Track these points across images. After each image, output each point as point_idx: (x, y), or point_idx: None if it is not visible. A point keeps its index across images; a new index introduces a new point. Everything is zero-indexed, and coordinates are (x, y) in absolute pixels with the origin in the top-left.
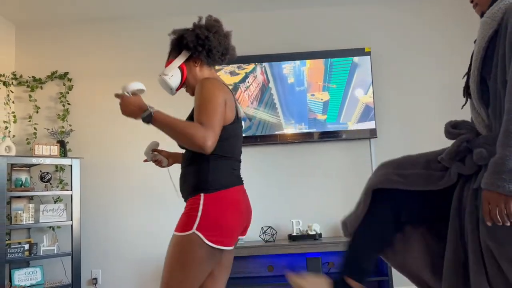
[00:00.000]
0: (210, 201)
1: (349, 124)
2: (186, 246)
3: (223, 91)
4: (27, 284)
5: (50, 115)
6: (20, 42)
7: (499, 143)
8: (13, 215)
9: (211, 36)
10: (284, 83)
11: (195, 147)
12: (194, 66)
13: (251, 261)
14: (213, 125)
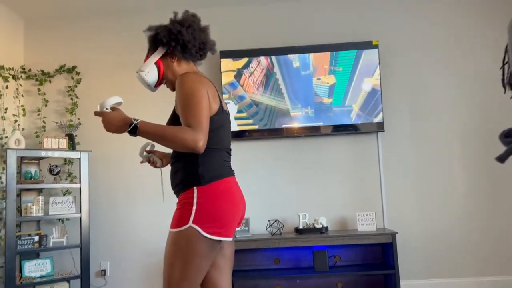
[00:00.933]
0: (204, 194)
1: (354, 107)
2: (185, 241)
3: (202, 83)
4: (37, 275)
5: (58, 108)
6: (29, 36)
7: None
8: (23, 208)
9: (184, 31)
10: (289, 67)
11: (188, 150)
12: (171, 61)
13: (258, 254)
14: (201, 123)
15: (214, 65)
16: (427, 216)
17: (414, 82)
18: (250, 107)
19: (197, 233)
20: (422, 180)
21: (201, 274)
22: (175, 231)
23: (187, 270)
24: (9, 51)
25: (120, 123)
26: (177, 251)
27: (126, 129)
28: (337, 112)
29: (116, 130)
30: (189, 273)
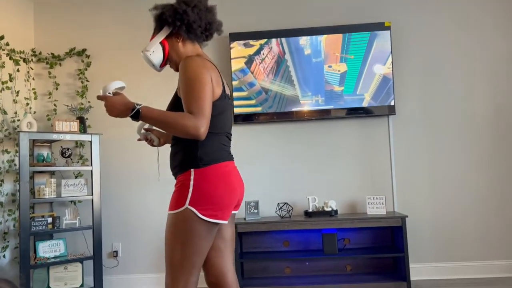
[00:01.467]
0: (201, 176)
1: (365, 96)
2: (182, 223)
3: (206, 68)
4: (51, 256)
5: (69, 91)
6: (39, 19)
7: None
8: (36, 190)
9: (189, 10)
10: (301, 54)
11: (189, 136)
12: (177, 41)
13: (267, 236)
14: (203, 110)
15: (223, 48)
16: (438, 200)
17: (426, 65)
18: (259, 94)
19: (193, 215)
20: (433, 164)
21: (202, 255)
22: (173, 213)
23: (186, 251)
24: (20, 34)
25: (123, 107)
26: (175, 233)
27: (128, 114)
28: (348, 100)
29: (118, 114)
30: (189, 254)
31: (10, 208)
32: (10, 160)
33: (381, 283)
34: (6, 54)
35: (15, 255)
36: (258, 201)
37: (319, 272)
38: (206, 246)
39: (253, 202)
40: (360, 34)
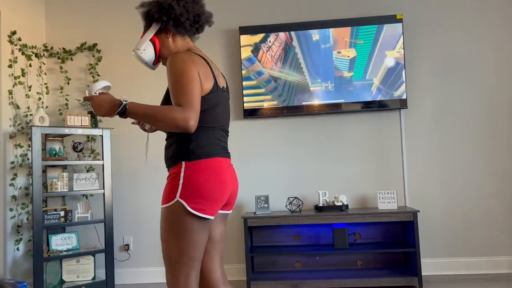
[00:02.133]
0: (191, 169)
1: (374, 81)
2: (174, 216)
3: (193, 63)
4: (64, 249)
5: (80, 86)
6: (50, 14)
7: None
8: (49, 183)
9: (175, 4)
10: (309, 41)
11: (179, 129)
12: (166, 37)
13: (277, 231)
14: (192, 102)
15: (233, 41)
16: (449, 195)
17: (439, 58)
18: (268, 83)
19: (183, 207)
20: (445, 158)
21: (198, 248)
22: (165, 207)
23: (182, 245)
24: (32, 30)
25: (109, 105)
26: (168, 227)
27: (115, 110)
28: (357, 86)
29: (105, 112)
30: (185, 248)
31: (24, 202)
32: (23, 154)
33: (392, 278)
34: (19, 49)
35: (29, 248)
36: (268, 195)
37: (330, 267)
38: (201, 238)
39: (263, 196)
40: (370, 27)
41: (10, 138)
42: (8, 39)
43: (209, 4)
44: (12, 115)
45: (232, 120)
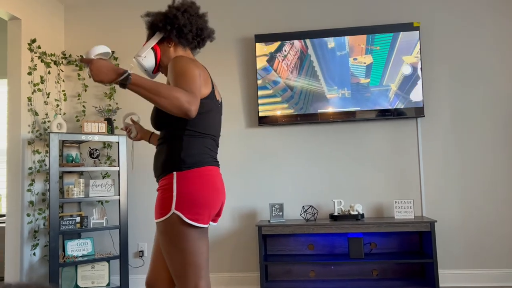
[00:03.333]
0: (184, 179)
1: (392, 86)
2: (172, 228)
3: (196, 66)
4: (79, 254)
5: (97, 93)
6: (69, 22)
7: None
8: (65, 189)
9: (180, 15)
10: (324, 48)
11: (180, 110)
12: (168, 47)
13: (292, 239)
14: (195, 91)
15: (249, 49)
16: (468, 205)
17: (456, 66)
18: (284, 91)
19: (180, 219)
20: (463, 167)
21: (202, 255)
22: (161, 221)
23: (186, 256)
24: (51, 37)
25: (110, 71)
26: (169, 241)
27: (116, 79)
28: (375, 92)
29: (104, 77)
30: (189, 259)
31: (40, 207)
32: (40, 160)
33: None
34: (38, 57)
35: (45, 253)
36: (283, 203)
37: (345, 277)
38: (202, 246)
39: (277, 205)
40: (386, 35)
41: (29, 144)
42: (28, 47)
43: (225, 13)
44: (30, 121)
45: (247, 127)
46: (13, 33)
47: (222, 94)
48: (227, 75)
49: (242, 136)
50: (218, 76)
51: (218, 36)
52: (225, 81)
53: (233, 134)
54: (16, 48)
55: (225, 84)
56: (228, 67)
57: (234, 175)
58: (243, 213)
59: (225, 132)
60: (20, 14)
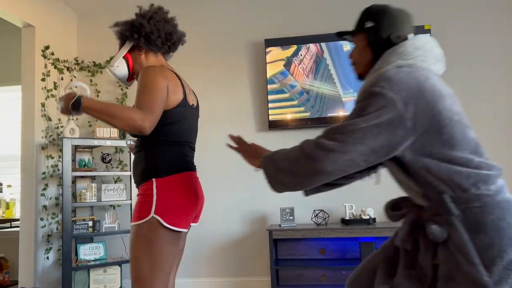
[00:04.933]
0: (163, 185)
1: None
2: (148, 232)
3: (164, 76)
4: (91, 258)
5: (109, 99)
6: (81, 29)
7: None
8: (78, 194)
9: (145, 22)
10: (339, 51)
11: (133, 129)
12: (139, 54)
13: (303, 244)
14: (151, 107)
15: (259, 54)
16: None
17: (469, 68)
18: (301, 95)
19: (159, 224)
20: None
21: (169, 261)
22: (138, 224)
23: (155, 260)
24: (64, 44)
25: (65, 100)
26: (141, 244)
27: (69, 105)
28: None
29: (62, 108)
30: (157, 263)
31: (54, 212)
32: (54, 165)
33: None
34: (51, 63)
35: (58, 257)
36: (293, 207)
37: None
38: (173, 252)
39: (288, 209)
40: None
41: (42, 149)
42: (42, 54)
43: (236, 18)
44: (44, 127)
45: (257, 131)
46: (27, 40)
47: (232, 98)
48: (238, 79)
49: (253, 140)
50: (229, 80)
51: (228, 41)
52: (236, 85)
53: (243, 138)
54: (30, 55)
55: (235, 88)
56: (239, 72)
57: (244, 179)
58: (254, 218)
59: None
60: (34, 21)
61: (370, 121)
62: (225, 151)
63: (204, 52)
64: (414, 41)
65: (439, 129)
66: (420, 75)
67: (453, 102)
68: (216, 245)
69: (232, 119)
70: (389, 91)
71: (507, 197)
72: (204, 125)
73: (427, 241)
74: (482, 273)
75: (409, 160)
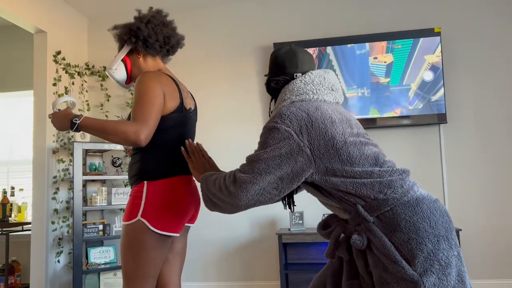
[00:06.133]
0: (153, 188)
1: (412, 86)
2: (134, 234)
3: (160, 82)
4: (101, 262)
5: (120, 103)
6: (92, 34)
7: None
8: (88, 197)
9: (143, 26)
10: (343, 47)
11: (129, 143)
12: (137, 57)
13: (313, 248)
14: (147, 119)
15: (268, 57)
16: (493, 213)
17: (479, 72)
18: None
19: (145, 226)
20: (488, 175)
21: (155, 266)
22: (126, 224)
23: (139, 262)
24: (75, 49)
25: (63, 119)
26: (128, 244)
27: (68, 126)
28: (395, 91)
29: (59, 126)
30: (142, 264)
31: (64, 215)
32: (65, 169)
33: None
34: (63, 68)
35: (69, 260)
36: (303, 211)
37: None
38: (159, 256)
39: (297, 213)
40: (407, 41)
41: (53, 153)
42: (53, 59)
43: (245, 23)
44: (55, 131)
45: None
46: (39, 46)
47: (242, 101)
48: (247, 82)
49: None
50: (238, 84)
51: (238, 44)
52: (245, 88)
53: (251, 141)
54: (41, 60)
55: (244, 91)
56: (248, 75)
57: None
58: (263, 222)
59: (244, 139)
60: (45, 27)
61: (272, 152)
62: (235, 153)
63: (213, 56)
64: (304, 77)
65: (336, 151)
66: (310, 106)
67: (348, 125)
68: (226, 249)
69: (241, 122)
70: (282, 125)
71: (416, 195)
72: (213, 128)
73: (357, 250)
74: (406, 268)
75: (319, 182)
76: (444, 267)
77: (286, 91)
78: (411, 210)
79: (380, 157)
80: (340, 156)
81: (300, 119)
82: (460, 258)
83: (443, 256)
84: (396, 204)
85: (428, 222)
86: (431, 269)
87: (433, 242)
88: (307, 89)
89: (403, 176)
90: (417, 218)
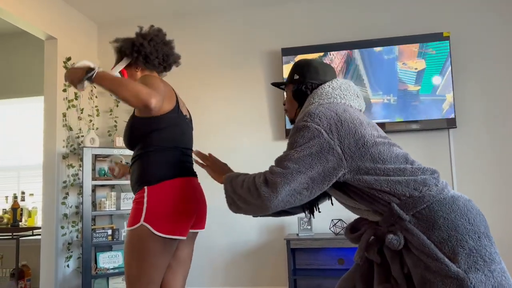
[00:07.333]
0: (154, 193)
1: (447, 97)
2: (137, 239)
3: (162, 81)
4: (110, 267)
5: (128, 108)
6: (102, 40)
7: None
8: (97, 202)
9: (146, 43)
10: (371, 51)
11: (139, 101)
12: (135, 71)
13: (321, 253)
14: (158, 90)
15: (276, 63)
16: (504, 220)
17: (488, 76)
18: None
19: (148, 231)
20: (499, 180)
21: (159, 271)
22: (130, 230)
23: (142, 267)
24: (85, 55)
25: (78, 70)
26: (132, 249)
27: (83, 74)
28: (426, 101)
29: (72, 78)
30: (145, 270)
31: (74, 220)
32: (74, 174)
33: None
34: None
35: (78, 265)
36: (311, 216)
37: None
38: (162, 261)
39: (305, 218)
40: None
41: (63, 158)
42: (64, 65)
43: (252, 28)
44: (65, 136)
45: (274, 140)
46: (49, 52)
47: (249, 106)
48: (255, 88)
49: (268, 149)
50: (246, 89)
51: (246, 50)
52: (253, 94)
53: (259, 146)
54: (52, 66)
55: (252, 97)
56: (256, 81)
57: None
58: (271, 227)
59: (252, 145)
60: (56, 33)
61: (302, 151)
62: (243, 159)
63: (221, 60)
64: (332, 83)
65: (367, 149)
66: (338, 108)
67: (374, 129)
68: (234, 254)
69: (249, 128)
70: (312, 123)
71: (451, 193)
72: (221, 134)
73: (392, 252)
74: (450, 265)
75: (352, 181)
76: (488, 264)
77: (315, 96)
78: (448, 208)
79: (409, 156)
80: (372, 154)
81: (330, 118)
82: (499, 256)
83: (486, 252)
84: (432, 202)
85: (467, 219)
86: (476, 266)
87: (474, 239)
88: (335, 93)
89: (435, 175)
90: (455, 215)
